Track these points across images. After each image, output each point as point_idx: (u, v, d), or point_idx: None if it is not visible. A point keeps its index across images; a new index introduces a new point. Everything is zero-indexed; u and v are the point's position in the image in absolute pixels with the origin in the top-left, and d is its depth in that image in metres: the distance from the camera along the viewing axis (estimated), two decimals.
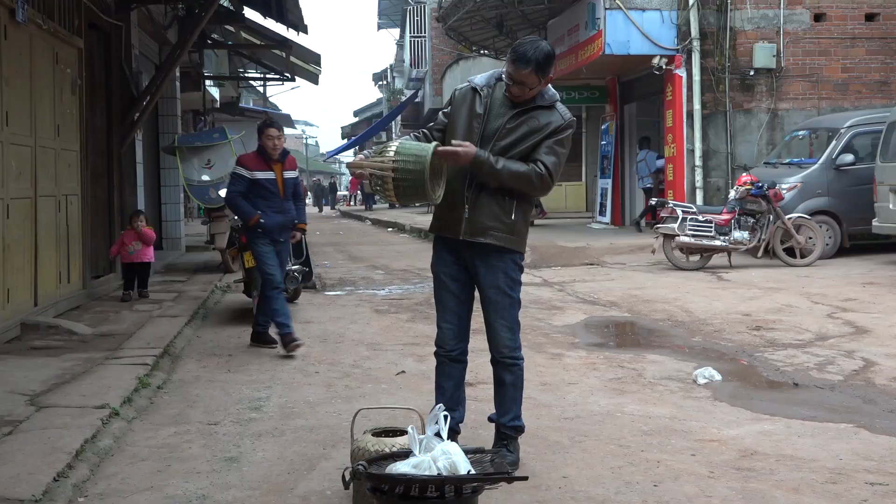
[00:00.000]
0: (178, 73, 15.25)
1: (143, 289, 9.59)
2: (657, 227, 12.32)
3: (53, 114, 8.50)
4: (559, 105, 4.09)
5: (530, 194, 4.09)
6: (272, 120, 7.14)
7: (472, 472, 3.32)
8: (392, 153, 3.80)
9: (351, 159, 4.23)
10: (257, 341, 7.28)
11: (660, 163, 17.12)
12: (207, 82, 20.06)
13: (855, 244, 12.95)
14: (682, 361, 6.51)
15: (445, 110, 4.23)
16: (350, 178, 61.02)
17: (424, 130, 4.24)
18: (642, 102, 19.24)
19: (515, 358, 4.16)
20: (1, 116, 7.18)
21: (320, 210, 47.11)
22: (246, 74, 24.80)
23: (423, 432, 3.46)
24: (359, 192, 47.43)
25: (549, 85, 4.10)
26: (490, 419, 4.35)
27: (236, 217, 8.92)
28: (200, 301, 9.42)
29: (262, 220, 7.03)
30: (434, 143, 3.89)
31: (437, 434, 3.43)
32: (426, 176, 3.76)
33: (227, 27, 16.76)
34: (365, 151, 4.12)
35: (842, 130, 12.92)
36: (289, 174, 7.27)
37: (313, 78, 21.41)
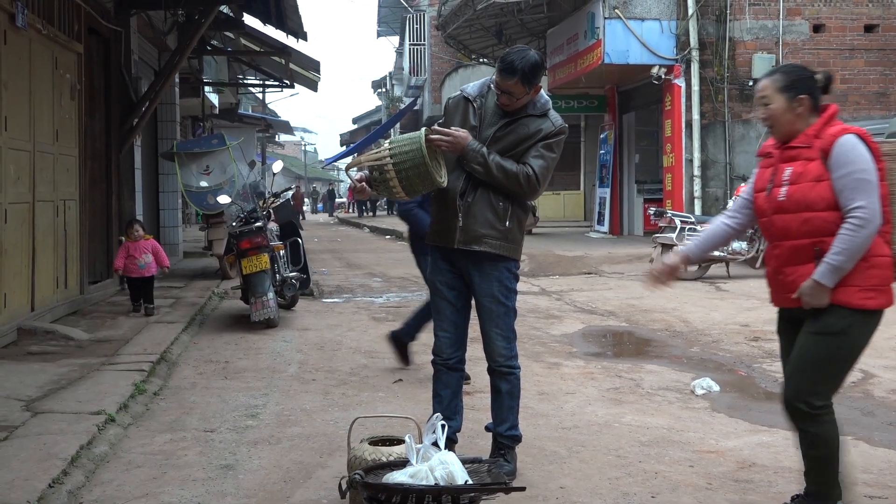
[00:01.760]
0: (177, 79, 15.24)
1: (148, 304, 8.82)
2: (655, 237, 12.31)
3: (52, 119, 8.50)
4: (551, 113, 4.09)
5: (518, 196, 4.07)
6: None
7: (470, 482, 3.31)
8: (386, 144, 3.88)
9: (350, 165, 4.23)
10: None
11: None
12: (206, 88, 20.06)
13: None
14: (680, 372, 6.50)
15: (441, 121, 4.24)
16: (349, 184, 61.08)
17: None
18: (641, 112, 19.27)
19: (511, 367, 4.15)
20: (0, 121, 7.17)
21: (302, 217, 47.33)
22: (245, 81, 24.82)
23: (421, 441, 3.44)
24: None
25: (542, 92, 4.10)
26: (487, 428, 4.33)
27: (234, 224, 8.94)
28: (197, 307, 9.39)
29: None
30: (424, 128, 3.94)
31: (435, 443, 3.41)
32: (424, 152, 3.80)
33: (227, 34, 16.75)
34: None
35: None
36: None
37: (312, 85, 21.42)
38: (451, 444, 4.00)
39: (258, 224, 8.63)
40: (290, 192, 10.80)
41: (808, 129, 3.37)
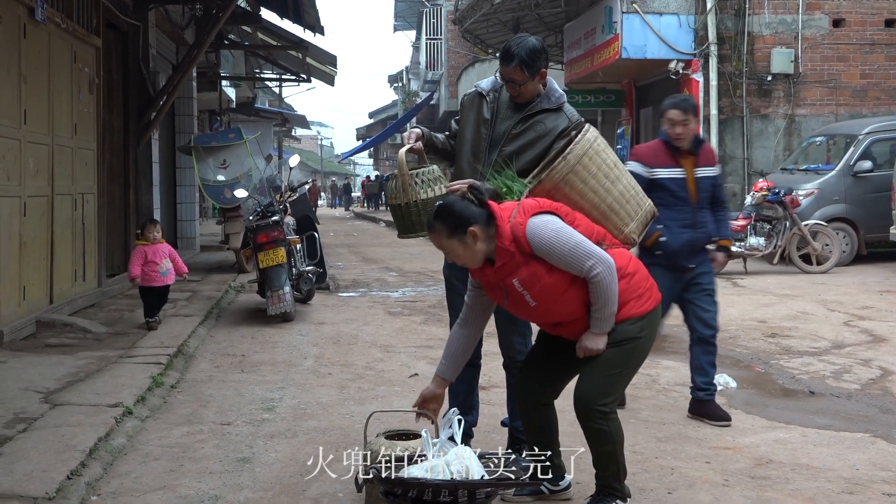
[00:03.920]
0: (194, 73, 15.30)
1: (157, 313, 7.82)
2: None
3: (71, 112, 8.54)
4: (567, 107, 4.02)
5: None
6: (672, 100, 5.30)
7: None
8: (422, 196, 3.77)
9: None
10: (699, 413, 5.14)
11: None
12: (224, 82, 20.14)
13: (872, 251, 12.86)
14: None
15: (457, 117, 4.22)
16: (362, 179, 61.25)
17: (443, 137, 4.23)
18: (659, 107, 19.15)
19: None
20: (19, 115, 7.22)
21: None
22: (262, 75, 24.88)
23: (437, 436, 3.45)
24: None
25: (556, 86, 4.04)
26: (503, 423, 4.33)
27: (251, 217, 8.96)
28: (214, 301, 9.43)
29: (662, 239, 5.07)
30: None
31: (451, 438, 3.41)
32: (408, 228, 3.83)
33: (244, 28, 16.84)
34: (422, 129, 4.10)
35: (860, 137, 12.83)
36: (704, 171, 5.16)
37: (329, 79, 21.47)
38: (467, 438, 3.99)
39: (275, 218, 8.65)
40: (307, 187, 10.82)
41: (500, 244, 3.33)
